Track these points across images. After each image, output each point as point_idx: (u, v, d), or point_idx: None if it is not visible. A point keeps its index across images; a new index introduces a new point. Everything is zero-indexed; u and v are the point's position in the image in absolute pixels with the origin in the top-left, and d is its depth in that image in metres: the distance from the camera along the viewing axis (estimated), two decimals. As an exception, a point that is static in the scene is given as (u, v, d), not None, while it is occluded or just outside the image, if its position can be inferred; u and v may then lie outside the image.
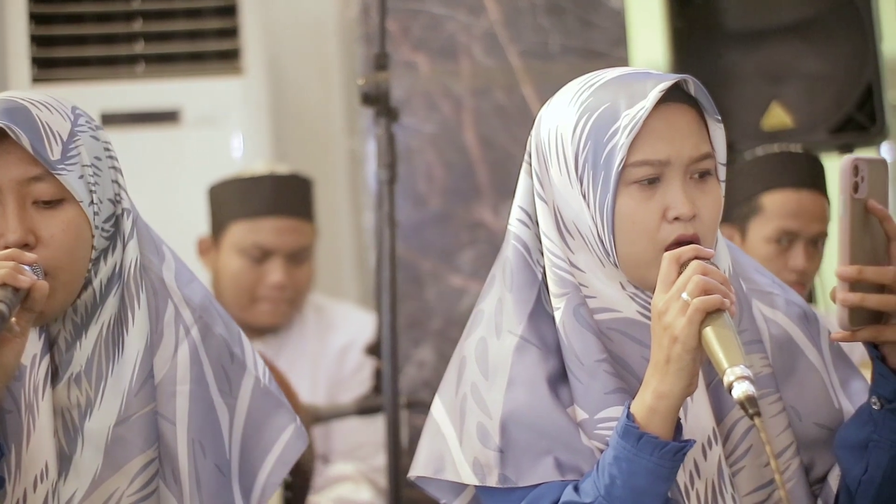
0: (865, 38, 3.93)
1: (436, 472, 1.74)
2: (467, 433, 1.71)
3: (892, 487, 1.69)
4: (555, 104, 1.73)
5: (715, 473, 1.70)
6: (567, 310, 1.70)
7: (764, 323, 1.78)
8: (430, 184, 3.61)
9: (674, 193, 1.65)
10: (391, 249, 2.66)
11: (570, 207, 1.70)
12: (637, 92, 1.65)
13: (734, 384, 1.54)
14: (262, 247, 3.09)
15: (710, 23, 4.02)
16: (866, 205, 1.61)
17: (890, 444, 1.67)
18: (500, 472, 1.68)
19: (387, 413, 2.61)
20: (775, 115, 3.96)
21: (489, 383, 1.71)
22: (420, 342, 3.57)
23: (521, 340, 1.71)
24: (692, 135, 1.67)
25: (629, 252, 1.67)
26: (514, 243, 1.75)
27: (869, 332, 1.63)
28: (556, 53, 3.65)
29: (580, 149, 1.67)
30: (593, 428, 1.68)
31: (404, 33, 3.63)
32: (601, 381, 1.68)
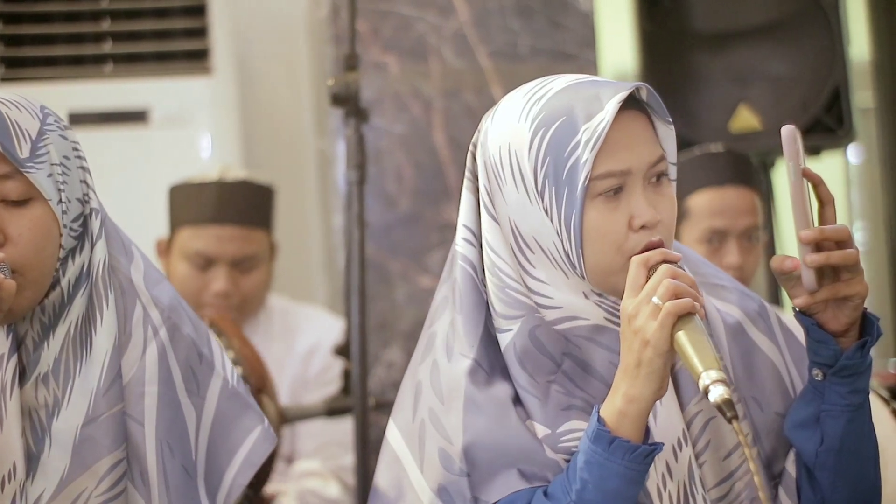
0: (833, 40, 3.96)
1: (396, 498, 1.73)
2: (428, 459, 1.70)
3: (850, 454, 1.71)
4: (501, 119, 1.70)
5: (686, 474, 1.71)
6: (521, 333, 1.70)
7: (716, 315, 1.79)
8: (400, 185, 3.61)
9: (637, 202, 1.66)
10: (360, 250, 2.66)
11: (530, 223, 1.69)
12: (592, 103, 1.65)
13: (710, 388, 1.54)
14: (205, 255, 3.06)
15: (679, 25, 4.04)
16: (802, 171, 1.64)
17: (841, 409, 1.69)
18: (470, 496, 1.67)
19: (356, 414, 2.61)
20: (743, 117, 3.98)
21: (446, 408, 1.70)
22: (389, 343, 3.57)
23: (473, 363, 1.70)
24: (647, 141, 1.68)
25: (597, 263, 1.67)
26: (461, 264, 1.73)
27: (826, 292, 1.65)
28: (526, 55, 3.66)
29: (539, 165, 1.66)
30: (557, 441, 1.68)
31: (374, 34, 3.63)
32: (557, 399, 1.69)
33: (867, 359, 1.68)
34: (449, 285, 1.76)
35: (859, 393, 1.69)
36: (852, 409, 1.69)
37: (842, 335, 1.67)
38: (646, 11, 4.08)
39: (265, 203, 3.13)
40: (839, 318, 1.66)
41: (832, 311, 1.66)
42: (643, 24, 4.08)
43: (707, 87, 4.00)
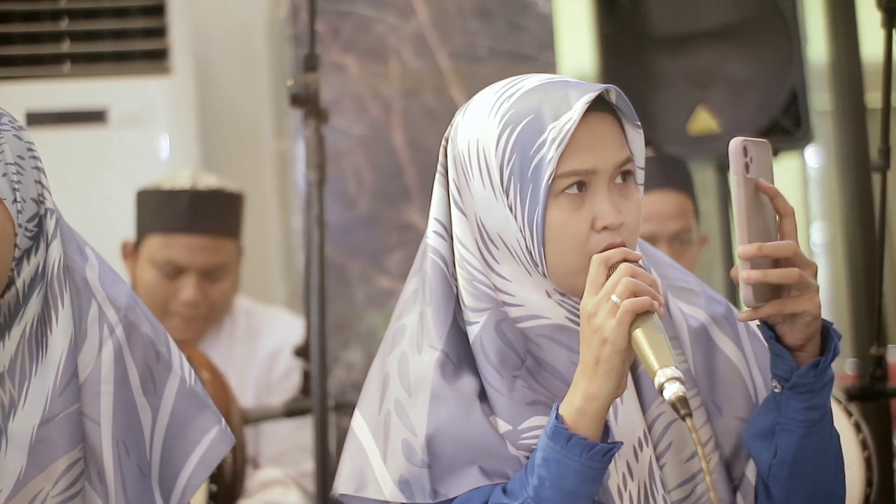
0: (791, 42, 3.98)
1: (357, 489, 1.73)
2: (392, 450, 1.70)
3: (803, 468, 1.71)
4: (471, 114, 1.72)
5: (646, 475, 1.72)
6: (487, 326, 1.71)
7: (681, 318, 1.80)
8: (359, 186, 3.60)
9: (601, 203, 1.67)
10: (320, 251, 2.66)
11: (495, 219, 1.70)
12: (561, 103, 1.66)
13: (665, 385, 1.55)
14: (175, 264, 3.04)
15: (638, 28, 4.05)
16: (757, 184, 1.64)
17: (795, 424, 1.69)
18: (430, 488, 1.68)
19: (315, 415, 2.60)
20: (701, 120, 4.00)
21: (412, 399, 1.71)
22: (348, 344, 3.57)
23: (441, 355, 1.71)
24: (614, 142, 1.68)
25: (559, 262, 1.68)
26: (432, 256, 1.75)
27: (771, 308, 1.64)
28: (485, 56, 3.66)
29: (505, 161, 1.67)
30: (518, 438, 1.69)
31: (333, 35, 3.62)
32: (521, 393, 1.70)
33: (824, 377, 1.68)
34: (419, 278, 1.77)
35: (816, 409, 1.69)
36: (808, 425, 1.69)
37: (799, 349, 1.67)
38: (604, 14, 4.09)
39: (235, 212, 3.12)
40: (794, 333, 1.66)
41: (788, 325, 1.66)
42: (602, 26, 4.09)
43: (665, 89, 4.02)
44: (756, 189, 1.64)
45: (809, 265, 1.64)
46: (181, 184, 3.05)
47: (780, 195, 1.65)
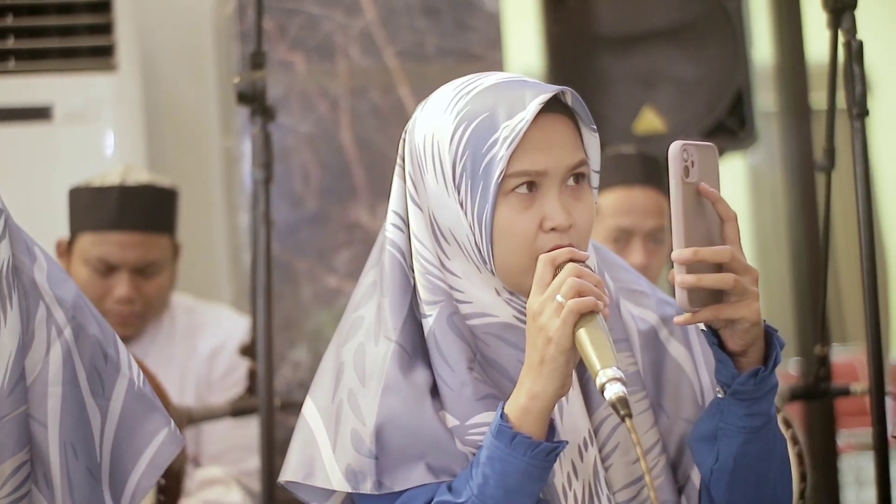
0: (737, 44, 4.01)
1: (305, 477, 1.73)
2: (341, 439, 1.71)
3: (745, 473, 1.71)
4: (430, 109, 1.73)
5: (591, 474, 1.72)
6: (439, 318, 1.72)
7: (631, 320, 1.81)
8: (306, 184, 3.59)
9: (551, 204, 1.67)
10: (267, 249, 2.65)
11: (446, 214, 1.71)
12: (516, 102, 1.66)
13: (606, 385, 1.55)
14: (107, 261, 3.01)
15: (584, 27, 4.07)
16: (698, 188, 1.64)
17: (736, 430, 1.69)
18: (375, 479, 1.68)
19: (262, 414, 2.59)
20: (647, 119, 4.02)
21: (365, 390, 1.71)
22: (295, 343, 3.56)
23: (396, 346, 1.72)
24: (568, 144, 1.69)
25: (506, 261, 1.69)
26: (390, 249, 1.75)
27: (708, 312, 1.64)
28: (432, 55, 3.66)
29: (458, 158, 1.68)
30: (465, 434, 1.69)
31: (281, 32, 3.61)
32: (471, 388, 1.70)
33: (765, 385, 1.67)
34: (377, 270, 1.78)
35: (758, 416, 1.69)
36: (749, 432, 1.69)
37: (741, 355, 1.67)
38: (552, 14, 4.11)
39: (168, 207, 3.09)
40: (735, 338, 1.66)
41: (729, 331, 1.66)
42: (549, 26, 4.10)
43: (612, 88, 4.04)
44: (697, 193, 1.63)
45: (749, 271, 1.63)
46: (111, 180, 3.03)
47: (722, 200, 1.65)
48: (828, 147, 2.83)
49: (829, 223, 2.90)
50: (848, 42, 2.50)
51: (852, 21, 2.51)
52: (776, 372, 1.71)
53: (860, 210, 2.51)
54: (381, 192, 3.58)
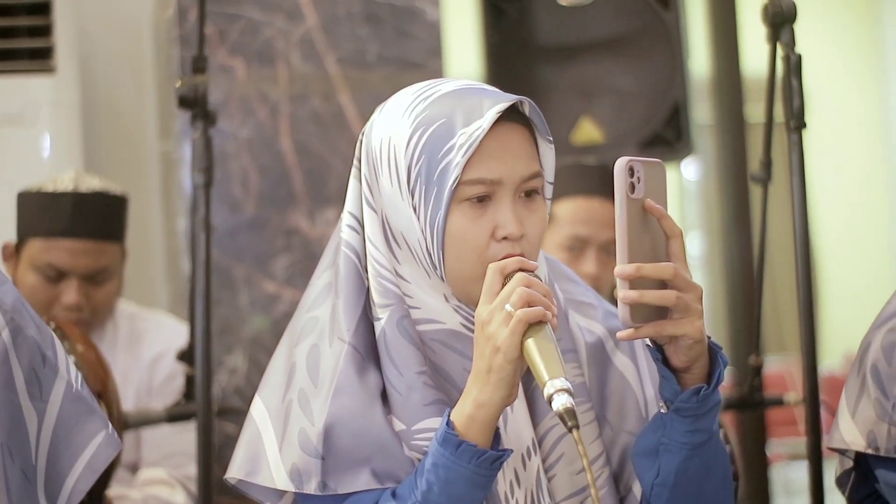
0: (674, 56, 4.05)
1: (248, 474, 1.73)
2: (289, 438, 1.71)
3: (685, 489, 1.72)
4: (388, 112, 1.74)
5: (534, 483, 1.73)
6: (390, 321, 1.72)
7: (579, 332, 1.82)
8: (245, 189, 3.58)
9: (504, 213, 1.68)
10: (207, 254, 2.64)
11: (399, 218, 1.71)
12: (474, 110, 1.66)
13: (554, 396, 1.56)
14: (57, 267, 2.99)
15: (524, 38, 4.09)
16: (644, 205, 1.64)
17: (678, 446, 1.70)
18: (319, 480, 1.68)
19: (199, 420, 2.58)
20: (585, 130, 4.04)
21: (317, 391, 1.72)
22: (232, 349, 3.54)
23: (349, 348, 1.72)
24: (524, 154, 1.69)
25: (456, 268, 1.69)
26: (345, 250, 1.76)
27: (651, 328, 1.64)
28: (373, 62, 3.66)
29: (413, 162, 1.68)
30: (411, 438, 1.69)
31: (221, 37, 3.60)
32: (419, 393, 1.70)
33: (707, 403, 1.68)
34: (332, 272, 1.78)
35: (700, 432, 1.69)
36: (691, 448, 1.70)
37: (685, 371, 1.68)
38: (492, 23, 4.13)
39: (119, 215, 3.07)
40: (678, 355, 1.67)
41: (673, 347, 1.67)
42: (489, 35, 4.12)
43: (551, 99, 4.06)
44: (643, 209, 1.64)
45: (692, 288, 1.64)
46: (63, 186, 3.00)
47: (668, 217, 1.65)
48: (765, 159, 2.85)
49: (765, 234, 2.93)
50: (787, 55, 2.53)
51: (791, 35, 2.54)
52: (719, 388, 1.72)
53: (796, 222, 2.54)
54: (320, 198, 3.58)
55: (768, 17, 2.56)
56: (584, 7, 4.11)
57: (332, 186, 3.58)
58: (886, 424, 1.99)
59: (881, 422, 2.00)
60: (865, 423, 2.02)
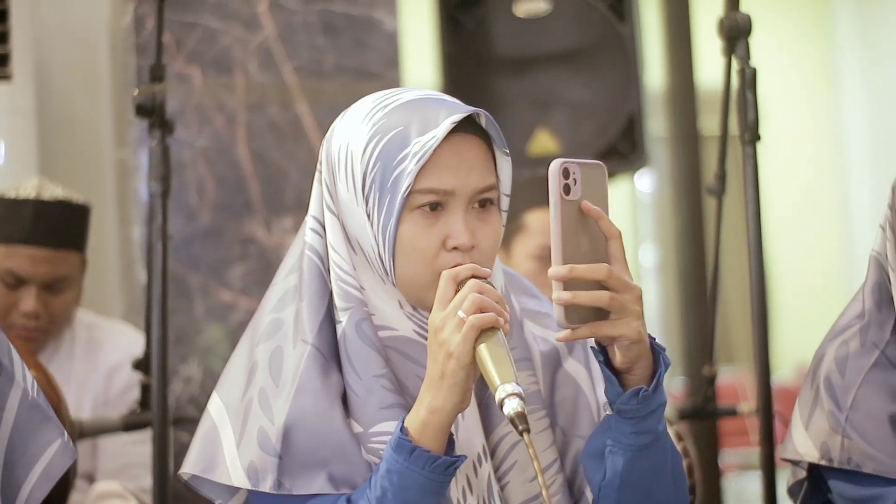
0: (630, 68, 4.07)
1: (204, 470, 1.74)
2: (247, 437, 1.72)
3: (631, 491, 1.72)
4: (348, 119, 1.75)
5: (485, 489, 1.74)
6: (349, 324, 1.73)
7: (534, 341, 1.83)
8: (202, 198, 3.58)
9: (455, 223, 1.69)
10: (163, 263, 2.63)
11: (355, 224, 1.73)
12: (430, 120, 1.68)
13: (505, 401, 1.57)
14: (16, 274, 2.97)
15: (481, 49, 4.11)
16: (581, 206, 1.64)
17: (623, 447, 1.70)
18: (275, 478, 1.69)
19: (155, 429, 2.58)
20: (541, 141, 4.06)
21: (278, 390, 1.72)
22: (187, 358, 3.53)
23: (312, 349, 1.73)
24: (478, 166, 1.70)
25: (407, 275, 1.71)
26: (308, 254, 1.77)
27: (587, 330, 1.64)
28: (331, 72, 3.67)
29: (369, 169, 1.70)
30: (367, 441, 1.70)
31: (178, 45, 3.59)
32: (378, 396, 1.71)
33: (648, 405, 1.68)
34: (297, 275, 1.78)
35: (644, 434, 1.70)
36: (636, 449, 1.70)
37: (627, 373, 1.68)
38: (449, 34, 4.14)
39: (81, 223, 3.06)
40: (618, 356, 1.67)
41: (613, 348, 1.67)
42: (446, 46, 4.13)
43: (507, 110, 4.07)
44: (580, 211, 1.64)
45: (629, 289, 1.64)
46: (26, 193, 2.99)
47: (605, 218, 1.65)
48: (719, 171, 2.88)
49: (719, 246, 2.95)
50: (742, 69, 2.56)
51: (746, 48, 2.56)
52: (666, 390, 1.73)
53: (750, 234, 2.56)
54: (277, 207, 3.57)
55: (724, 30, 2.58)
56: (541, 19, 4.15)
57: (289, 195, 3.58)
58: (839, 436, 2.01)
59: (834, 434, 2.02)
60: (819, 435, 2.04)
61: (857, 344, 2.05)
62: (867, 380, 2.03)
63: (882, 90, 8.93)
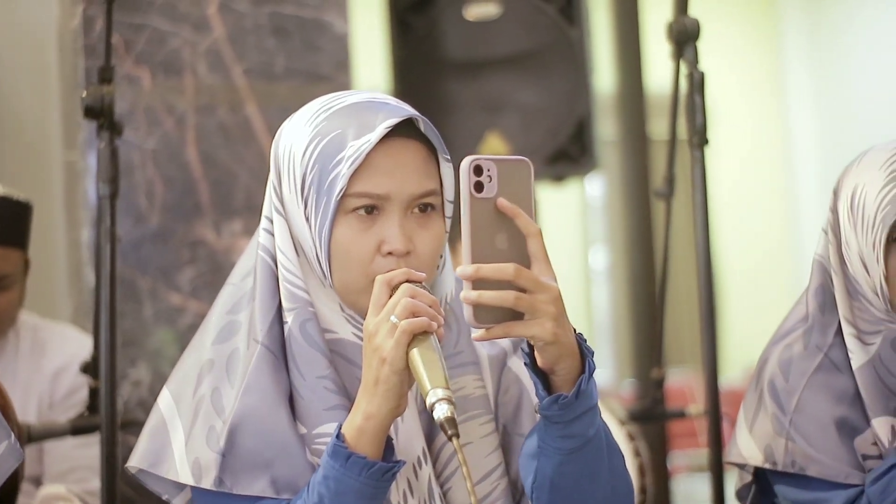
0: (579, 72, 4.09)
1: (151, 465, 1.74)
2: (196, 433, 1.72)
3: (564, 493, 1.72)
4: (294, 121, 1.76)
5: (426, 492, 1.74)
6: (295, 324, 1.73)
7: (481, 344, 1.83)
8: (150, 200, 3.56)
9: (390, 228, 1.70)
10: (111, 266, 2.62)
11: (297, 226, 1.74)
12: (367, 123, 1.69)
13: (435, 406, 1.57)
14: None
15: (431, 53, 4.12)
16: (496, 204, 1.61)
17: (552, 450, 1.69)
18: (216, 475, 1.69)
19: (103, 433, 2.56)
20: (491, 145, 4.07)
21: (229, 388, 1.73)
22: (136, 361, 3.52)
23: (262, 348, 1.73)
24: (416, 171, 1.70)
25: (343, 278, 1.72)
26: (261, 254, 1.77)
27: (499, 330, 1.61)
28: (281, 74, 3.66)
29: (307, 172, 1.71)
30: (311, 443, 1.71)
31: (127, 47, 3.58)
32: (321, 398, 1.71)
33: (571, 410, 1.66)
34: (251, 274, 1.79)
35: (572, 438, 1.68)
36: (564, 453, 1.69)
37: (552, 374, 1.66)
38: (399, 38, 4.14)
39: (22, 221, 3.03)
40: (538, 357, 1.66)
41: (541, 349, 1.65)
42: (396, 49, 4.14)
43: (458, 113, 4.09)
44: (495, 209, 1.61)
45: (544, 289, 1.60)
46: None
47: (522, 215, 1.62)
48: (668, 175, 2.90)
49: (668, 249, 2.97)
50: (690, 73, 2.58)
51: (695, 52, 2.58)
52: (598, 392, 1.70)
53: (698, 236, 2.58)
54: (226, 209, 3.56)
55: (672, 34, 2.60)
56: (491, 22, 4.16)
57: (239, 198, 3.57)
58: (783, 440, 2.03)
59: (778, 437, 2.04)
60: (763, 438, 2.06)
61: (801, 347, 2.07)
62: (811, 383, 2.05)
63: (829, 94, 9.01)
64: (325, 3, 3.73)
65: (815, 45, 9.08)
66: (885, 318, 2.03)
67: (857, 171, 2.07)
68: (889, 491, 1.95)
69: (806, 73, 9.16)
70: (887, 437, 2.00)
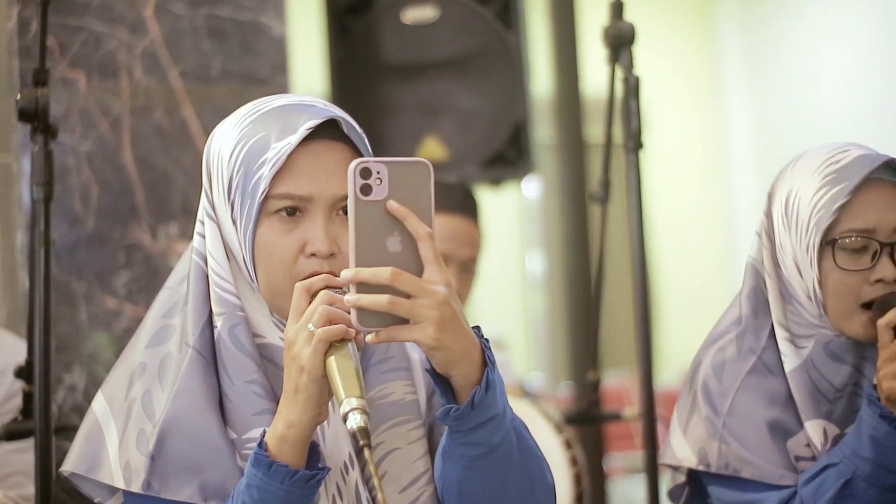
0: (516, 76, 4.11)
1: (87, 470, 1.74)
2: (128, 437, 1.72)
3: (472, 497, 1.71)
4: (224, 124, 1.77)
5: (354, 496, 1.74)
6: (224, 329, 1.73)
7: (413, 349, 1.84)
8: (85, 204, 3.54)
9: (314, 230, 1.70)
10: (46, 269, 2.60)
11: (226, 230, 1.75)
12: (290, 125, 1.70)
13: (349, 415, 1.56)
14: None
15: (369, 56, 4.12)
16: (386, 206, 1.59)
17: (456, 456, 1.69)
18: (145, 479, 1.69)
19: (37, 438, 2.54)
20: (429, 148, 4.08)
21: (161, 392, 1.73)
22: (71, 366, 3.49)
23: (193, 352, 1.73)
24: (340, 173, 1.69)
25: (267, 281, 1.72)
26: (194, 257, 1.78)
27: (385, 334, 1.60)
28: (218, 77, 3.65)
29: (234, 174, 1.72)
30: (241, 448, 1.71)
31: (62, 49, 3.55)
32: (249, 402, 1.72)
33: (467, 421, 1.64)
34: (184, 277, 1.79)
35: (475, 446, 1.67)
36: (468, 459, 1.68)
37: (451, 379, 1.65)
38: (337, 41, 4.14)
39: None
40: (432, 362, 1.64)
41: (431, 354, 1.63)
42: (334, 52, 4.14)
43: (396, 117, 4.09)
44: (385, 212, 1.60)
45: (426, 294, 1.59)
46: None
47: (412, 218, 1.61)
48: (603, 179, 2.92)
49: (603, 252, 2.99)
50: (626, 78, 2.60)
51: (630, 57, 2.60)
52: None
53: (633, 240, 2.60)
54: (163, 213, 3.55)
55: (608, 39, 2.62)
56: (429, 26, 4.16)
57: (175, 201, 3.55)
58: (717, 442, 2.05)
59: (712, 439, 2.05)
60: (697, 441, 2.08)
61: (734, 350, 2.09)
62: (744, 385, 2.07)
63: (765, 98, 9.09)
64: (263, 5, 3.72)
65: (751, 48, 9.15)
66: (817, 323, 2.05)
67: (792, 174, 2.09)
68: (822, 492, 1.97)
69: (742, 76, 9.23)
70: (820, 440, 2.02)
